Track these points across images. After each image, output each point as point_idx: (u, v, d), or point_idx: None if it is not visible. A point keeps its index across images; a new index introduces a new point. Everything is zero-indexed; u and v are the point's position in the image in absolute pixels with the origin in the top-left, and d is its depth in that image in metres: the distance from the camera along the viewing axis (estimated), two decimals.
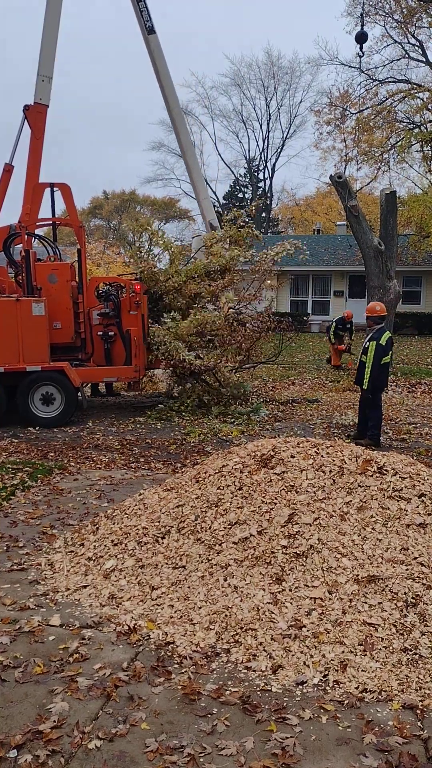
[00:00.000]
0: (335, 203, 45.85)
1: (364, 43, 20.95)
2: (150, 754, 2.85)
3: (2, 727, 3.04)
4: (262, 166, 53.76)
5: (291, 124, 50.93)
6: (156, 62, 13.22)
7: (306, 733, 2.99)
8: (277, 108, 50.96)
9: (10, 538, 5.47)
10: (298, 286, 32.22)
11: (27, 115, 12.07)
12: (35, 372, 10.29)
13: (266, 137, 52.15)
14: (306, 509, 4.44)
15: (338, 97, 30.70)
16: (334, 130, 30.82)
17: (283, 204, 57.62)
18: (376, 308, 9.16)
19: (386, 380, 9.21)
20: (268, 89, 50.35)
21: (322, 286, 31.78)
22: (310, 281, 31.84)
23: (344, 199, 16.24)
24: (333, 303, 31.28)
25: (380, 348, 8.79)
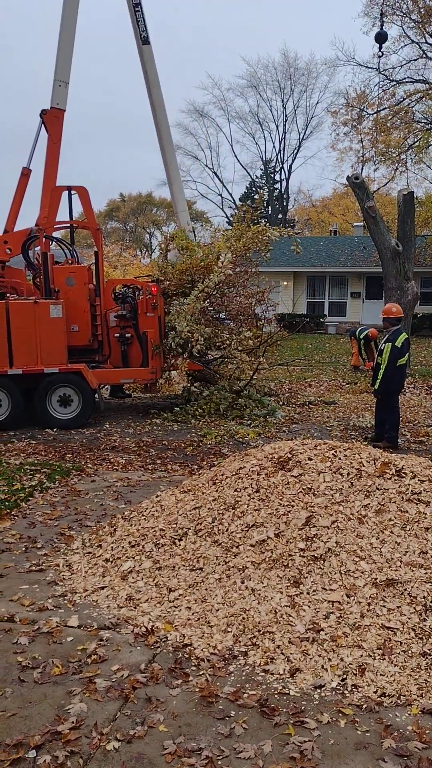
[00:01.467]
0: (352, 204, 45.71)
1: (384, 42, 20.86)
2: (168, 756, 2.85)
3: (21, 727, 3.06)
4: (278, 167, 53.73)
5: (307, 126, 50.84)
6: (148, 72, 13.28)
7: (324, 737, 2.98)
8: (293, 109, 50.90)
9: (29, 539, 5.50)
10: (315, 288, 32.13)
11: (44, 120, 12.15)
12: (53, 374, 10.35)
13: (283, 139, 52.11)
14: (324, 512, 4.42)
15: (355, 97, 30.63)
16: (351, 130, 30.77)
17: (300, 205, 57.56)
18: (392, 310, 9.12)
19: (402, 382, 9.15)
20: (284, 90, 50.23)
21: (339, 288, 31.67)
22: (327, 282, 31.74)
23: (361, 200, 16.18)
24: (350, 304, 31.17)
25: (395, 350, 8.75)
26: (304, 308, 31.65)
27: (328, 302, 31.72)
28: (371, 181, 35.27)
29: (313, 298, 32.08)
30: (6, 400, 10.31)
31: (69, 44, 12.41)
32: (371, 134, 30.10)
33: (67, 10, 12.35)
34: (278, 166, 53.55)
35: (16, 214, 12.37)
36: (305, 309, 31.65)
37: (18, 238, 11.84)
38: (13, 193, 12.39)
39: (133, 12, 13.12)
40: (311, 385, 15.57)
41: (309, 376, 16.95)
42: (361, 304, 30.74)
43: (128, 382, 12.11)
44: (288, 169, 53.12)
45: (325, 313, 31.40)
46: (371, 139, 30.25)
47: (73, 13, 12.43)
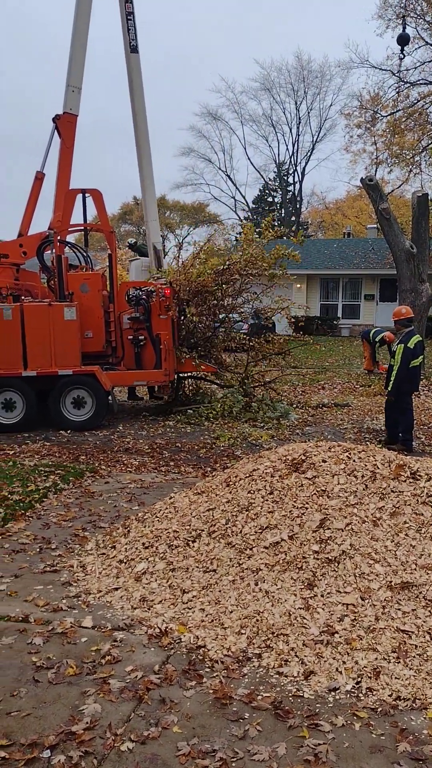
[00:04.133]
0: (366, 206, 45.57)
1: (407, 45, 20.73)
2: (182, 757, 2.85)
3: (36, 727, 3.07)
4: (291, 169, 53.72)
5: (321, 128, 50.82)
6: (133, 80, 13.33)
7: (339, 740, 2.96)
8: (307, 112, 50.97)
9: (43, 539, 5.53)
10: (328, 290, 32.04)
11: (57, 125, 12.25)
12: (67, 376, 10.41)
13: (296, 141, 52.12)
14: (338, 514, 4.41)
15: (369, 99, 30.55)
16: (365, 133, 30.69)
17: (313, 207, 57.48)
18: (402, 311, 9.14)
19: (416, 384, 9.10)
20: (298, 93, 50.29)
21: (352, 290, 31.56)
22: (341, 285, 31.64)
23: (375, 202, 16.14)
24: (364, 307, 31.06)
25: (408, 351, 8.72)
26: (318, 311, 31.57)
27: (342, 304, 31.62)
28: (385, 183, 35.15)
29: (327, 301, 32.00)
30: (20, 402, 10.37)
31: (81, 50, 12.50)
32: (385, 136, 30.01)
33: (79, 17, 12.44)
34: (291, 168, 53.57)
35: (30, 218, 12.47)
36: (318, 311, 31.57)
37: (33, 242, 11.94)
38: (28, 197, 12.49)
39: (125, 20, 13.18)
40: (324, 387, 15.53)
41: (322, 379, 16.91)
42: (374, 307, 30.62)
43: (141, 384, 12.15)
44: (301, 172, 53.15)
45: (338, 315, 31.30)
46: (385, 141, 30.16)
47: (85, 20, 12.51)
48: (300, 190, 54.32)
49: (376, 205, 16.15)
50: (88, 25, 12.59)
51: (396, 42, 20.72)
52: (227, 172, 54.32)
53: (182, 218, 60.80)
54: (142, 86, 13.40)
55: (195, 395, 12.96)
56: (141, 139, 13.30)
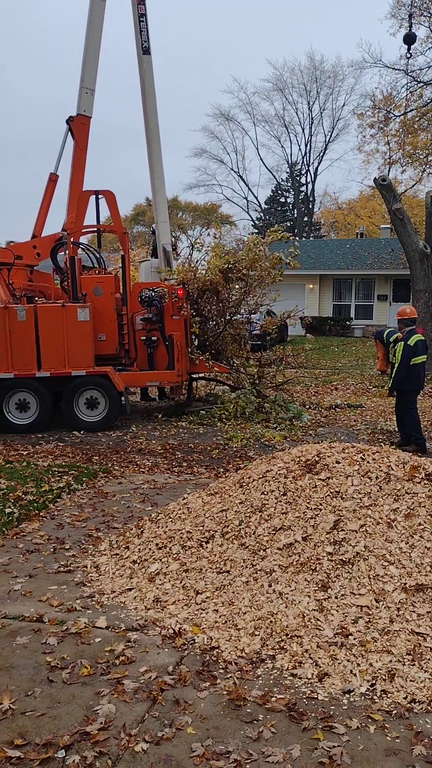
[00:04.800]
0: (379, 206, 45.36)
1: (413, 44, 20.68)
2: (196, 758, 2.85)
3: (50, 727, 3.08)
4: (304, 170, 53.59)
5: (334, 128, 50.64)
6: (144, 82, 13.33)
7: (354, 743, 2.95)
8: (319, 112, 50.79)
9: (57, 540, 5.55)
10: (341, 291, 31.95)
11: (71, 127, 12.30)
12: (80, 376, 10.44)
13: (308, 141, 51.98)
14: (352, 516, 4.39)
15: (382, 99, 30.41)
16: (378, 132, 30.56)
17: (326, 208, 57.27)
18: (406, 311, 9.29)
19: (420, 383, 9.14)
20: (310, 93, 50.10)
21: (365, 290, 31.44)
22: (354, 285, 31.54)
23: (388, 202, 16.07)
24: (377, 307, 30.93)
25: (408, 348, 8.80)
26: (330, 311, 31.48)
27: (355, 305, 31.51)
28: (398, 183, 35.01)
29: (339, 301, 31.89)
30: (34, 403, 10.42)
31: (95, 53, 12.55)
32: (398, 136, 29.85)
33: (92, 19, 12.48)
34: (304, 168, 53.44)
35: (44, 220, 12.53)
36: (331, 312, 31.48)
37: (47, 243, 12.00)
38: (41, 198, 12.55)
39: (137, 22, 13.20)
40: (337, 388, 15.48)
41: (335, 380, 16.86)
42: (387, 307, 30.47)
43: (154, 385, 12.17)
44: (314, 172, 53.01)
45: (351, 316, 31.20)
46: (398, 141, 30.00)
47: (98, 23, 12.56)
48: (312, 191, 54.21)
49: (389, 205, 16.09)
50: (102, 27, 12.63)
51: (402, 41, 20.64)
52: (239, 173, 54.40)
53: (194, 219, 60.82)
54: (154, 87, 13.43)
55: (207, 396, 12.96)
56: (152, 141, 13.33)
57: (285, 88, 50.27)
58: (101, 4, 12.56)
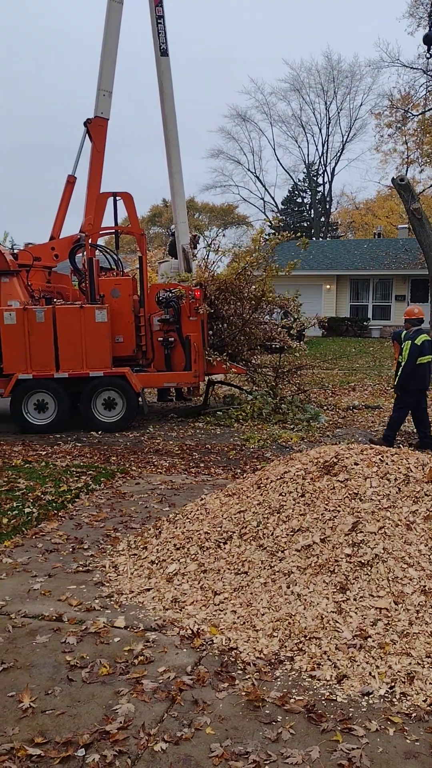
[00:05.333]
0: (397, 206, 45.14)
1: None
2: (215, 759, 2.85)
3: (70, 726, 3.10)
4: (321, 170, 53.43)
5: (351, 128, 50.44)
6: (163, 84, 13.34)
7: (373, 745, 2.94)
8: (336, 112, 50.58)
9: (76, 539, 5.59)
10: (359, 291, 31.80)
11: (88, 129, 12.38)
12: (98, 377, 10.50)
13: (326, 141, 51.82)
14: (370, 518, 4.37)
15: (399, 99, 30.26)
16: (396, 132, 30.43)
17: (343, 208, 57.07)
18: (414, 311, 9.38)
19: (425, 382, 9.20)
20: (327, 93, 49.96)
21: (383, 291, 31.27)
22: (371, 286, 31.38)
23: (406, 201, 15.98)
24: (394, 308, 30.74)
25: (414, 347, 8.87)
26: (347, 312, 31.34)
27: (372, 305, 31.35)
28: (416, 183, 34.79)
29: (357, 302, 31.75)
30: (53, 404, 10.50)
31: (112, 55, 12.62)
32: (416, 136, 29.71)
33: (110, 22, 12.55)
34: (321, 169, 53.28)
35: (62, 221, 12.63)
36: (348, 312, 31.34)
37: (65, 245, 12.08)
38: (60, 201, 12.64)
39: (155, 24, 13.23)
40: (354, 389, 15.41)
41: (352, 381, 16.78)
42: (405, 308, 30.29)
43: (171, 386, 12.20)
44: (331, 172, 52.85)
45: (368, 316, 31.04)
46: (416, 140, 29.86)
47: (116, 25, 12.63)
48: (329, 191, 54.04)
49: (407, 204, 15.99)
50: (119, 29, 12.70)
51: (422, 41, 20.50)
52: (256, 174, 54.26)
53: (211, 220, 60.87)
54: (172, 89, 13.47)
55: (224, 397, 12.97)
56: (171, 142, 13.37)
57: (302, 88, 50.20)
58: (118, 6, 12.63)
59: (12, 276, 10.85)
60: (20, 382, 10.38)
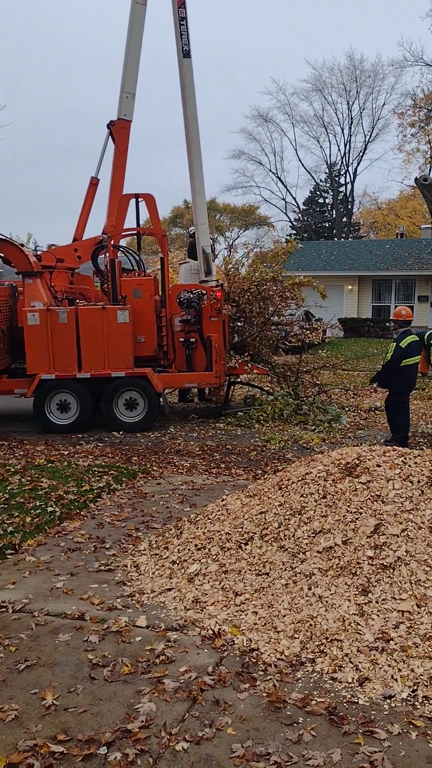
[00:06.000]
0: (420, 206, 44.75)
1: None
2: (236, 759, 2.86)
3: (92, 724, 3.13)
4: (343, 170, 53.17)
5: (373, 128, 50.12)
6: (185, 85, 13.31)
7: (395, 749, 2.92)
8: (359, 112, 50.32)
9: (98, 539, 5.62)
10: (381, 292, 31.60)
11: (111, 131, 12.44)
12: (119, 377, 10.55)
13: (348, 141, 51.59)
14: (393, 520, 4.35)
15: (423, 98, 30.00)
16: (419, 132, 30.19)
17: (365, 208, 56.72)
18: (401, 313, 9.57)
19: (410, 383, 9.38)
20: (350, 93, 49.72)
21: (405, 291, 31.05)
22: (393, 286, 31.16)
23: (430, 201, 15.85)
24: (417, 308, 30.47)
25: (399, 349, 9.04)
26: (369, 312, 31.16)
27: (395, 306, 31.11)
28: None
29: (379, 302, 31.58)
30: (75, 404, 10.58)
31: (135, 57, 12.65)
32: None
33: (133, 23, 12.59)
34: (343, 169, 53.02)
35: (85, 223, 12.70)
36: (370, 313, 31.16)
37: (88, 246, 12.15)
38: (83, 202, 12.72)
39: (177, 25, 13.23)
40: (376, 390, 15.30)
41: None
42: (428, 308, 30.03)
43: (192, 386, 12.22)
44: (353, 172, 52.57)
45: (390, 317, 30.83)
46: None
47: (139, 27, 12.66)
48: (352, 191, 53.73)
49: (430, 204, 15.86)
50: (142, 31, 12.73)
51: None
52: (278, 174, 54.19)
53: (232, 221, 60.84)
54: (194, 90, 13.48)
55: (245, 398, 12.97)
56: (192, 143, 13.38)
57: (324, 88, 50.01)
58: (142, 8, 12.67)
59: (35, 277, 10.94)
60: (43, 382, 10.47)
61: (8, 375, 11.08)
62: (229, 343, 11.86)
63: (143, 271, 12.43)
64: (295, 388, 12.18)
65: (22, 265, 10.92)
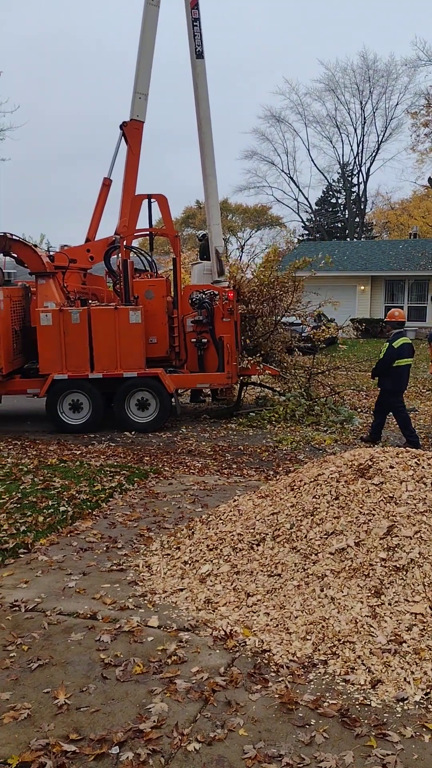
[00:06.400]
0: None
1: None
2: (248, 760, 2.85)
3: (104, 723, 3.13)
4: (356, 170, 52.97)
5: (386, 128, 49.89)
6: (198, 86, 13.29)
7: (408, 752, 2.91)
8: (372, 112, 50.08)
9: (110, 539, 5.64)
10: (393, 292, 31.45)
11: (124, 131, 12.47)
12: (131, 378, 10.57)
13: (361, 141, 51.37)
14: (406, 522, 4.32)
15: None
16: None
17: (378, 208, 56.48)
18: (394, 314, 9.66)
19: (402, 384, 9.51)
20: (363, 93, 49.51)
21: (418, 292, 30.88)
22: (406, 287, 31.00)
23: None
24: (430, 309, 30.34)
25: (392, 350, 9.13)
26: (382, 313, 31.00)
27: (407, 307, 30.97)
28: None
29: (392, 303, 31.40)
30: (87, 404, 10.60)
31: (148, 58, 12.68)
32: None
33: (146, 24, 12.62)
34: (356, 169, 52.82)
35: (97, 223, 12.74)
36: (383, 314, 30.99)
37: (100, 247, 12.19)
38: (95, 203, 12.76)
39: (191, 26, 13.23)
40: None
41: None
42: None
43: (204, 387, 12.23)
44: (366, 172, 52.37)
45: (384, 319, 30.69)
46: None
47: (152, 28, 12.69)
48: (364, 191, 53.52)
49: None
50: (155, 32, 12.76)
51: None
52: (290, 175, 54.12)
53: (244, 221, 60.78)
54: (207, 91, 13.49)
55: (257, 399, 12.96)
56: (205, 144, 13.38)
57: (337, 88, 49.84)
58: (155, 9, 12.70)
59: (48, 278, 10.99)
60: (56, 382, 10.51)
61: (21, 375, 11.13)
62: (241, 343, 11.85)
63: (155, 272, 12.45)
64: (308, 389, 12.15)
65: (35, 266, 10.97)
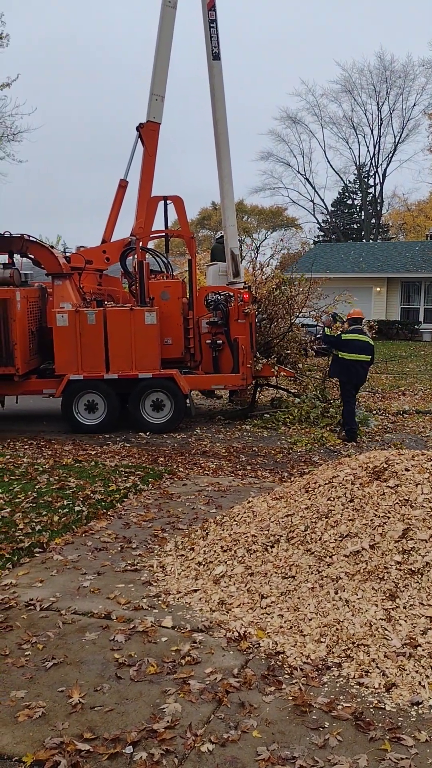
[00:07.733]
0: None
1: None
2: (261, 762, 2.85)
3: (118, 723, 3.14)
4: (372, 171, 52.72)
5: (403, 129, 49.54)
6: (214, 87, 13.26)
7: (422, 756, 2.89)
8: (389, 112, 49.77)
9: (124, 539, 5.66)
10: (410, 294, 31.28)
11: (140, 133, 12.50)
12: (146, 379, 10.60)
13: (377, 142, 51.10)
14: (422, 525, 4.30)
15: None
16: None
17: (394, 210, 56.18)
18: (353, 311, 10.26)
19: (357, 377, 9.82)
20: (380, 94, 49.26)
21: None
22: (423, 288, 30.81)
23: None
24: None
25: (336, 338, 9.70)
26: (398, 315, 30.87)
27: (424, 308, 30.80)
28: None
29: (408, 305, 31.25)
30: (102, 404, 10.65)
31: (165, 59, 12.70)
32: None
33: (163, 26, 12.65)
34: (372, 170, 52.56)
35: (113, 225, 12.78)
36: (399, 316, 30.86)
37: (116, 248, 12.23)
38: (111, 204, 12.81)
39: (207, 28, 13.22)
40: (405, 393, 15.15)
41: (402, 385, 16.50)
42: None
43: (219, 388, 12.23)
44: (382, 173, 52.05)
45: (420, 319, 30.49)
46: None
47: (169, 29, 12.71)
48: (381, 192, 53.23)
49: None
50: (172, 34, 12.77)
51: None
52: (306, 176, 53.89)
53: (260, 222, 60.72)
54: (224, 92, 13.48)
55: (272, 400, 12.94)
56: (221, 145, 13.38)
57: (354, 89, 49.60)
58: (172, 11, 12.72)
59: (64, 279, 11.05)
60: (71, 382, 10.57)
61: (37, 375, 11.20)
62: (257, 344, 11.84)
63: (171, 273, 12.48)
64: (323, 391, 12.11)
65: (52, 267, 11.04)
